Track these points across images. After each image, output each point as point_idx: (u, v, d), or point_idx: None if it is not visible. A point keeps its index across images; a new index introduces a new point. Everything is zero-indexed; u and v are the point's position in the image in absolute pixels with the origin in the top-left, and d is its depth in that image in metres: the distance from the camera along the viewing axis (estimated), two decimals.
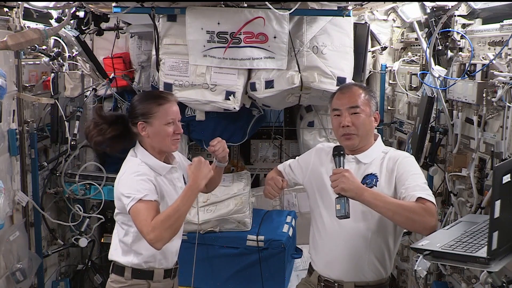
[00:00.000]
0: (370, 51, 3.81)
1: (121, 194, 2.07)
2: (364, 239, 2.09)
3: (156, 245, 1.96)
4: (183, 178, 2.34)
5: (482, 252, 1.61)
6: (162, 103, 2.15)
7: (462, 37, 2.79)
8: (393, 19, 3.86)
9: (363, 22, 3.65)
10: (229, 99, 3.25)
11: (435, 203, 1.93)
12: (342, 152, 2.05)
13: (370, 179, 2.09)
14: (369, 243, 2.09)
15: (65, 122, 3.42)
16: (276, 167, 2.48)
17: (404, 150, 2.85)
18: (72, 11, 3.12)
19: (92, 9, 3.24)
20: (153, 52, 3.48)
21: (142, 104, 2.17)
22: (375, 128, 2.23)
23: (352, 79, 3.33)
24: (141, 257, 2.20)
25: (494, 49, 2.48)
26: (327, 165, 2.21)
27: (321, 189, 2.20)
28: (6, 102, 2.76)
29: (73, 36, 3.31)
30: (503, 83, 2.29)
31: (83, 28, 3.38)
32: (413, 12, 3.42)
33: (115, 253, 2.26)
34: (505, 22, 2.41)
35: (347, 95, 2.16)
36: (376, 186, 2.07)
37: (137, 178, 2.07)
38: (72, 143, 3.45)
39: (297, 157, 2.46)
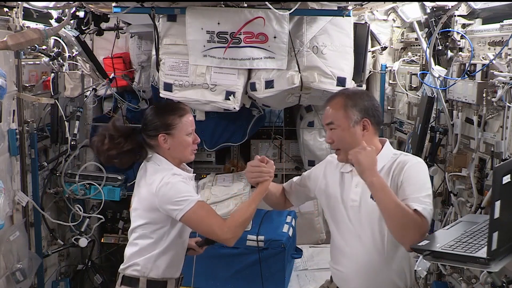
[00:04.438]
0: (370, 51, 3.81)
1: (169, 201, 2.05)
2: (380, 254, 2.01)
3: (230, 243, 2.12)
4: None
5: (482, 252, 1.61)
6: (183, 114, 2.20)
7: (462, 37, 2.79)
8: (393, 19, 3.86)
9: (363, 22, 3.65)
10: (229, 99, 3.25)
11: (429, 220, 1.87)
12: None
13: None
14: (387, 257, 2.01)
15: (65, 122, 3.43)
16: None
17: (404, 150, 2.85)
18: (72, 11, 3.11)
19: (92, 9, 3.23)
20: (153, 52, 3.48)
21: (162, 116, 2.18)
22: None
23: (352, 79, 3.33)
24: (161, 270, 2.17)
25: (494, 49, 2.48)
26: (334, 179, 2.15)
27: (331, 206, 2.14)
28: (6, 102, 2.76)
29: (73, 36, 3.31)
30: (503, 83, 2.29)
31: (83, 28, 3.38)
32: (413, 12, 3.42)
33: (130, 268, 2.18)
34: (505, 22, 2.41)
35: (325, 111, 2.11)
36: None
37: (184, 181, 2.13)
38: (72, 143, 3.45)
39: (303, 173, 2.38)
